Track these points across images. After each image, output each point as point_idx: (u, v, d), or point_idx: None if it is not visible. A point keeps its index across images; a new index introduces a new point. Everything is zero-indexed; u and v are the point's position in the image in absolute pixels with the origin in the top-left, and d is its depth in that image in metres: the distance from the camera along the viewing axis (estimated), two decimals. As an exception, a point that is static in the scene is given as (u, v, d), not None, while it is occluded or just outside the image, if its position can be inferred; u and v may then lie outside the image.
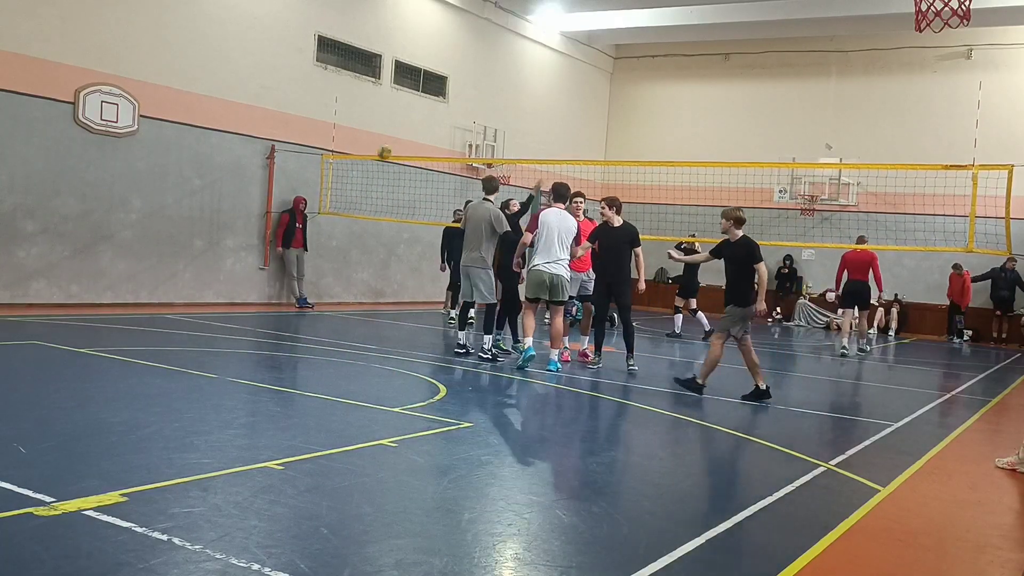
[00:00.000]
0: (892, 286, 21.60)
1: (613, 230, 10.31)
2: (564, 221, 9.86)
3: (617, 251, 10.26)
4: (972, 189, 12.03)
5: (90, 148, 13.28)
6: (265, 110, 15.86)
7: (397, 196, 17.31)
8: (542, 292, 9.82)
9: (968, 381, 12.46)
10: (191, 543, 3.71)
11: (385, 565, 3.69)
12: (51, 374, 7.76)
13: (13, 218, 12.49)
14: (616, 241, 10.27)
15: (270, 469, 4.98)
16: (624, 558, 4.01)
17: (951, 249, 15.20)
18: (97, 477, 4.58)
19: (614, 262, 10.27)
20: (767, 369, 13.01)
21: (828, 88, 22.62)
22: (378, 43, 18.11)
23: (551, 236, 9.76)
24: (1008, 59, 20.73)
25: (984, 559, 4.46)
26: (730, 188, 19.75)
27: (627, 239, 10.26)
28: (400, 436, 6.07)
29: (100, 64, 13.32)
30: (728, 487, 5.43)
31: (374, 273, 18.53)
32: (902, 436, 7.65)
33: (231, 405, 6.95)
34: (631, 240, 10.28)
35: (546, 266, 9.72)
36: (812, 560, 4.13)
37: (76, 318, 11.75)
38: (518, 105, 22.16)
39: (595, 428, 7.33)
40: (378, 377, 8.95)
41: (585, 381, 9.51)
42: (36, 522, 3.84)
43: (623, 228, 10.32)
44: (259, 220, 15.97)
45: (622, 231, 10.30)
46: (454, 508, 4.63)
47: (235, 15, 15.25)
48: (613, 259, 10.28)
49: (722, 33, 22.40)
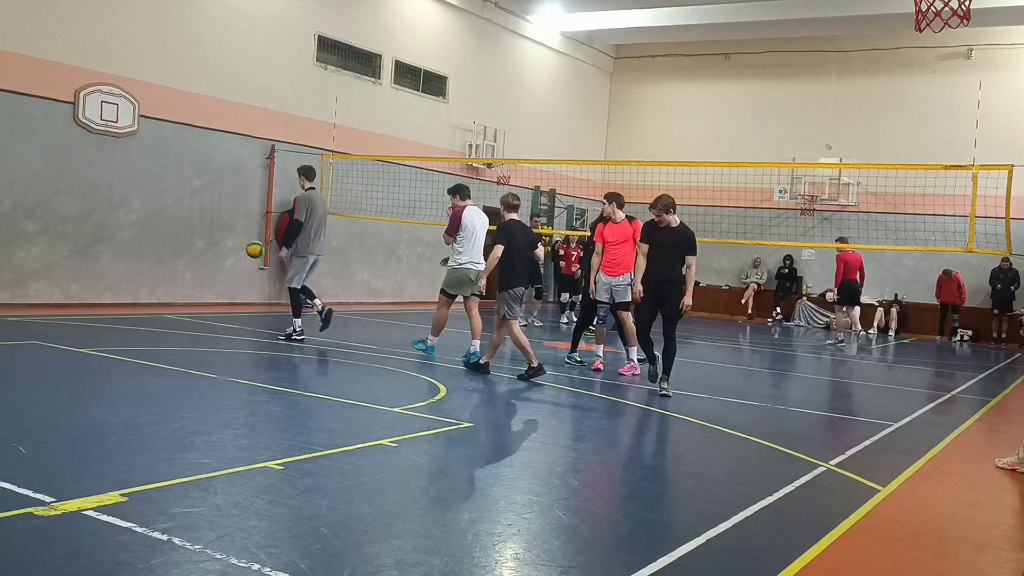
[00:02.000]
0: (892, 286, 21.65)
1: (667, 231, 8.80)
2: (486, 220, 10.22)
3: (670, 257, 8.78)
4: (972, 189, 12.03)
5: (90, 148, 13.28)
6: (265, 110, 15.86)
7: (397, 196, 17.31)
8: (465, 289, 10.02)
9: (968, 381, 12.46)
10: (191, 543, 3.71)
11: (385, 565, 3.69)
12: (51, 374, 7.76)
13: (13, 218, 12.49)
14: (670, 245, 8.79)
15: (270, 469, 4.98)
16: (624, 558, 4.01)
17: (951, 249, 15.21)
18: (97, 477, 4.58)
19: (669, 268, 8.77)
20: (767, 369, 13.03)
21: (828, 88, 22.62)
22: (378, 43, 18.11)
23: (478, 236, 9.98)
24: (1008, 59, 20.73)
25: (984, 559, 4.46)
26: (730, 188, 19.74)
27: (683, 243, 8.76)
28: (400, 436, 6.07)
29: (100, 64, 13.32)
30: (728, 487, 5.43)
31: (374, 273, 18.53)
32: (902, 436, 7.65)
33: (231, 405, 6.95)
34: (688, 245, 8.77)
35: (474, 265, 9.92)
36: (812, 560, 4.13)
37: (76, 318, 11.75)
38: (518, 105, 22.16)
39: (595, 428, 7.32)
40: (378, 377, 8.94)
41: (585, 382, 9.51)
42: (36, 522, 3.84)
43: (679, 230, 8.81)
44: (259, 220, 15.97)
45: (678, 233, 8.80)
46: (454, 508, 4.63)
47: (235, 15, 15.26)
48: (667, 265, 8.77)
49: (722, 33, 22.40)
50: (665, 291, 8.75)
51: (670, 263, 8.76)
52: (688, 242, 8.77)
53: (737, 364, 13.36)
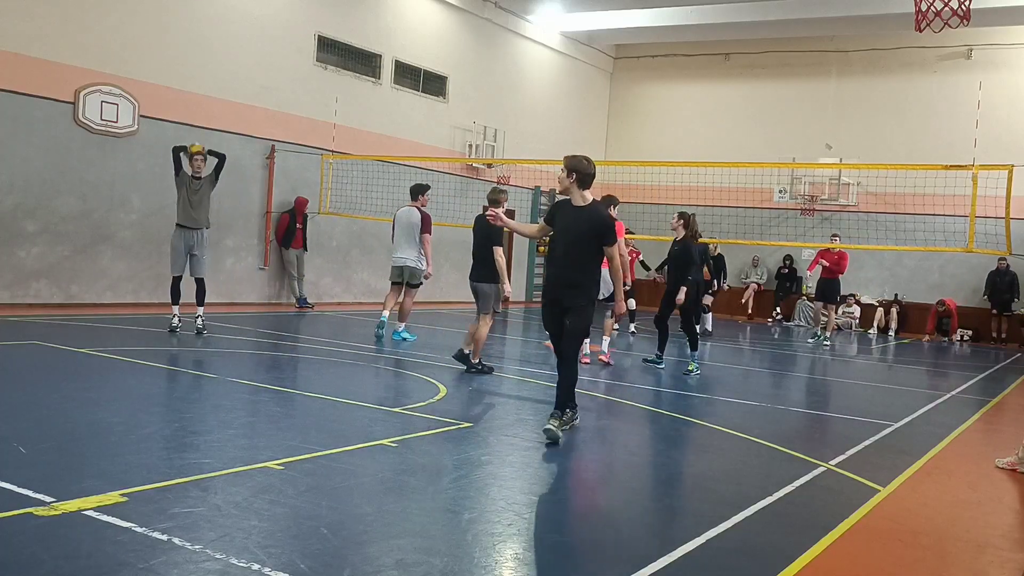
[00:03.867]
0: (892, 286, 21.65)
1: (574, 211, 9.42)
2: (410, 217, 11.62)
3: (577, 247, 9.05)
4: (972, 189, 12.04)
5: (90, 148, 13.28)
6: (265, 110, 15.85)
7: (397, 196, 17.29)
8: (398, 277, 11.81)
9: (968, 381, 12.46)
10: (191, 543, 3.71)
11: (385, 565, 3.69)
12: (51, 374, 7.76)
13: (13, 218, 12.49)
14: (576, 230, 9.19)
15: (270, 469, 4.98)
16: (624, 558, 4.01)
17: (951, 249, 15.22)
18: (97, 477, 4.58)
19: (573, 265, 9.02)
20: (768, 369, 13.03)
21: (828, 88, 22.62)
22: (378, 43, 18.11)
23: (400, 232, 11.65)
24: (1008, 59, 20.73)
25: (984, 559, 4.46)
26: (730, 188, 19.76)
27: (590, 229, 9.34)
28: (400, 436, 6.07)
29: (100, 64, 13.32)
30: (728, 487, 5.43)
31: (374, 273, 18.52)
32: (902, 436, 7.65)
33: (231, 405, 6.95)
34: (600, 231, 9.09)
35: (396, 259, 11.74)
36: (812, 560, 4.13)
37: (76, 318, 11.75)
38: (518, 105, 22.16)
39: (595, 428, 7.32)
40: (378, 377, 8.95)
41: (585, 381, 9.51)
42: (36, 522, 3.84)
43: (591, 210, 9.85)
44: (259, 220, 15.97)
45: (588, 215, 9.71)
46: (454, 508, 4.63)
47: (235, 15, 15.25)
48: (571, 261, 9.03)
49: (722, 33, 22.39)
50: (567, 297, 6.47)
51: (575, 258, 6.46)
52: (599, 226, 6.42)
53: (737, 364, 13.35)
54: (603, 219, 6.50)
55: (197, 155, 10.97)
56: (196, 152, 11.01)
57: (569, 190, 6.59)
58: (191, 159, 11.02)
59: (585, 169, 6.52)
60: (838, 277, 16.18)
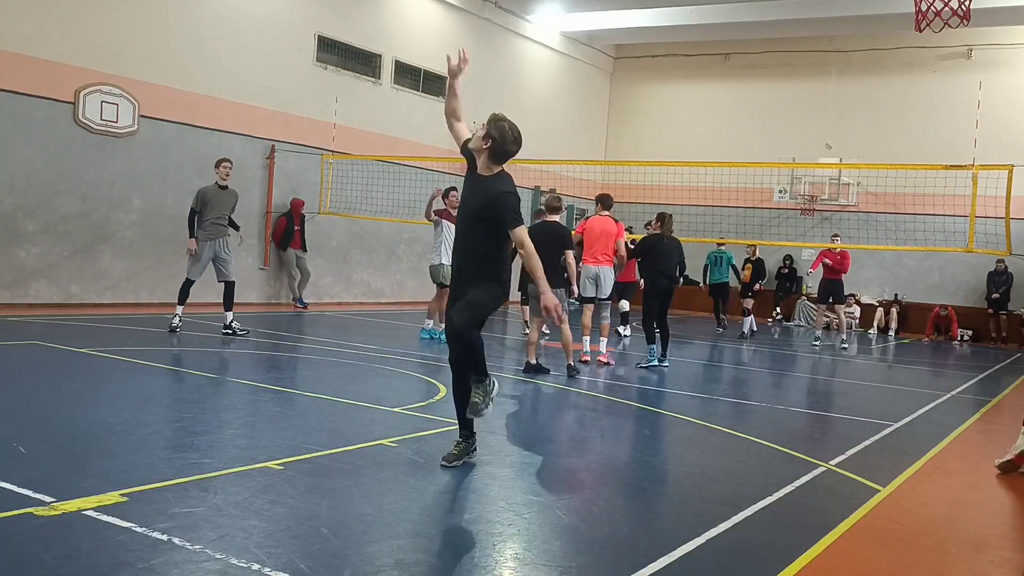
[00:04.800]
0: (892, 286, 21.65)
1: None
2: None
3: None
4: (972, 189, 12.04)
5: (90, 148, 13.28)
6: (265, 110, 15.86)
7: (397, 196, 17.31)
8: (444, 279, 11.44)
9: (968, 381, 12.46)
10: (191, 543, 3.71)
11: (385, 565, 3.69)
12: (51, 374, 7.76)
13: (13, 218, 12.49)
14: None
15: (270, 469, 4.98)
16: (624, 558, 4.01)
17: (951, 249, 15.22)
18: (97, 477, 4.58)
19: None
20: (768, 370, 13.03)
21: (828, 88, 22.62)
22: (378, 43, 18.11)
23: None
24: (1008, 59, 20.73)
25: (984, 559, 4.46)
26: (730, 188, 19.75)
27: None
28: (400, 436, 6.07)
29: (100, 64, 13.32)
30: (728, 487, 5.42)
31: (374, 273, 18.53)
32: (902, 436, 7.65)
33: (231, 405, 6.95)
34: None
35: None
36: (812, 560, 4.13)
37: (76, 318, 11.75)
38: (518, 105, 22.12)
39: (595, 428, 7.32)
40: (378, 377, 8.95)
41: (585, 381, 9.51)
42: (36, 522, 3.84)
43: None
44: (259, 220, 15.97)
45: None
46: (454, 508, 4.63)
47: (235, 15, 15.26)
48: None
49: (722, 33, 22.40)
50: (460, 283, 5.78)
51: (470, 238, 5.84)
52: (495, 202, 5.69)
53: (737, 364, 13.34)
54: (500, 193, 5.35)
55: (225, 162, 10.96)
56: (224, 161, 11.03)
57: (479, 153, 5.59)
58: (218, 164, 10.98)
59: (506, 144, 5.53)
60: (841, 277, 16.18)
